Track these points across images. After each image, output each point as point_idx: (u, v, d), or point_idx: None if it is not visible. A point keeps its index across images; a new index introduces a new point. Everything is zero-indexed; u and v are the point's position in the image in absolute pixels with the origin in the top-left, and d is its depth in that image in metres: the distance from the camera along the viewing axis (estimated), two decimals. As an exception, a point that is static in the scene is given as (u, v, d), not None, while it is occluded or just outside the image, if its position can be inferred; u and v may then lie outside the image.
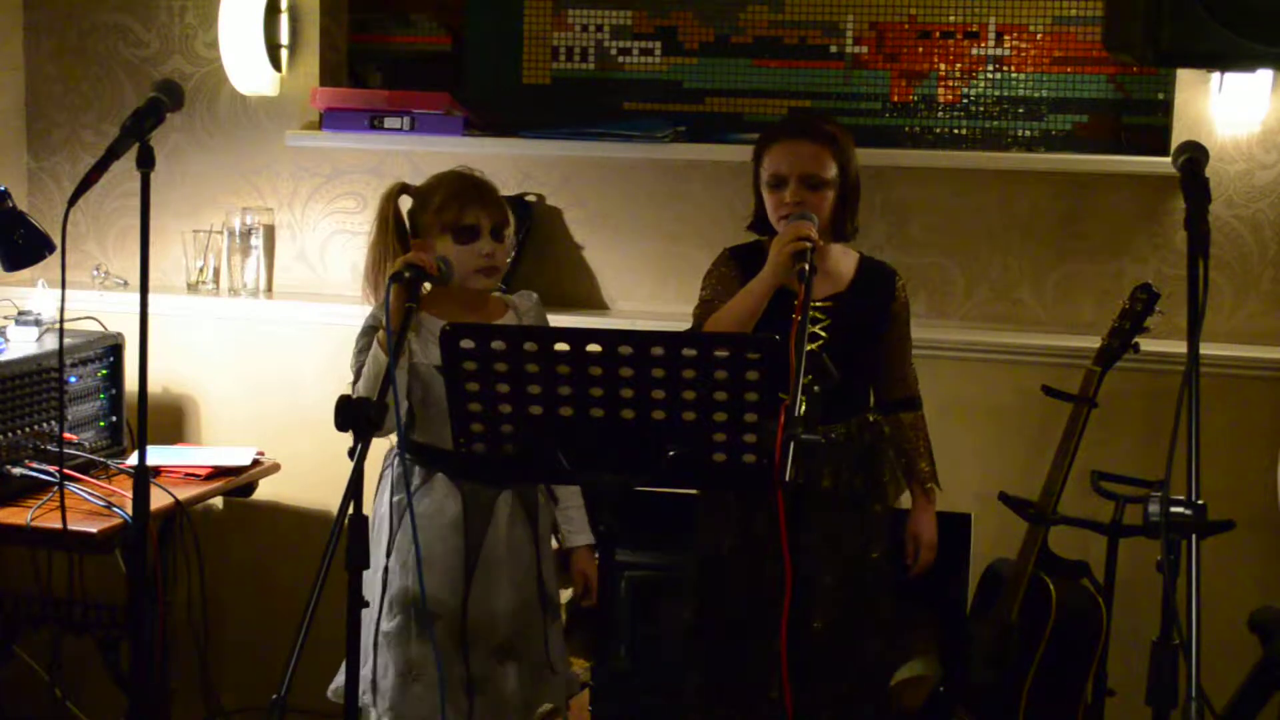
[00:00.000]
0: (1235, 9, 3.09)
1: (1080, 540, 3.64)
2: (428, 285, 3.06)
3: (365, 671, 3.23)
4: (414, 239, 3.25)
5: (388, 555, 3.22)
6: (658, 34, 4.40)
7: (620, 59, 4.43)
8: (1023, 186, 4.09)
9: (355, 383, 3.17)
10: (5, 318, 3.99)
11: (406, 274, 2.95)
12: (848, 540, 3.35)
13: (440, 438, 3.19)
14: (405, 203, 3.33)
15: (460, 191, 3.25)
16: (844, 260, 3.41)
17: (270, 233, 4.42)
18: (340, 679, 3.22)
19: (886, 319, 3.40)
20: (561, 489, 3.41)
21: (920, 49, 4.26)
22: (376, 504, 3.28)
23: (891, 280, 3.43)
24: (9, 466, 3.64)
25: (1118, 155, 4.10)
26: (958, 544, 3.97)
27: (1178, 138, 3.83)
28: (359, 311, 3.33)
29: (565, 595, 4.06)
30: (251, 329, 4.35)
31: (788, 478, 2.52)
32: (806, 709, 3.27)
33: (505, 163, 4.22)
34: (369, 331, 3.21)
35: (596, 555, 3.38)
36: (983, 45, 4.23)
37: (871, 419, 3.43)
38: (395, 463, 3.28)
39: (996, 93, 4.24)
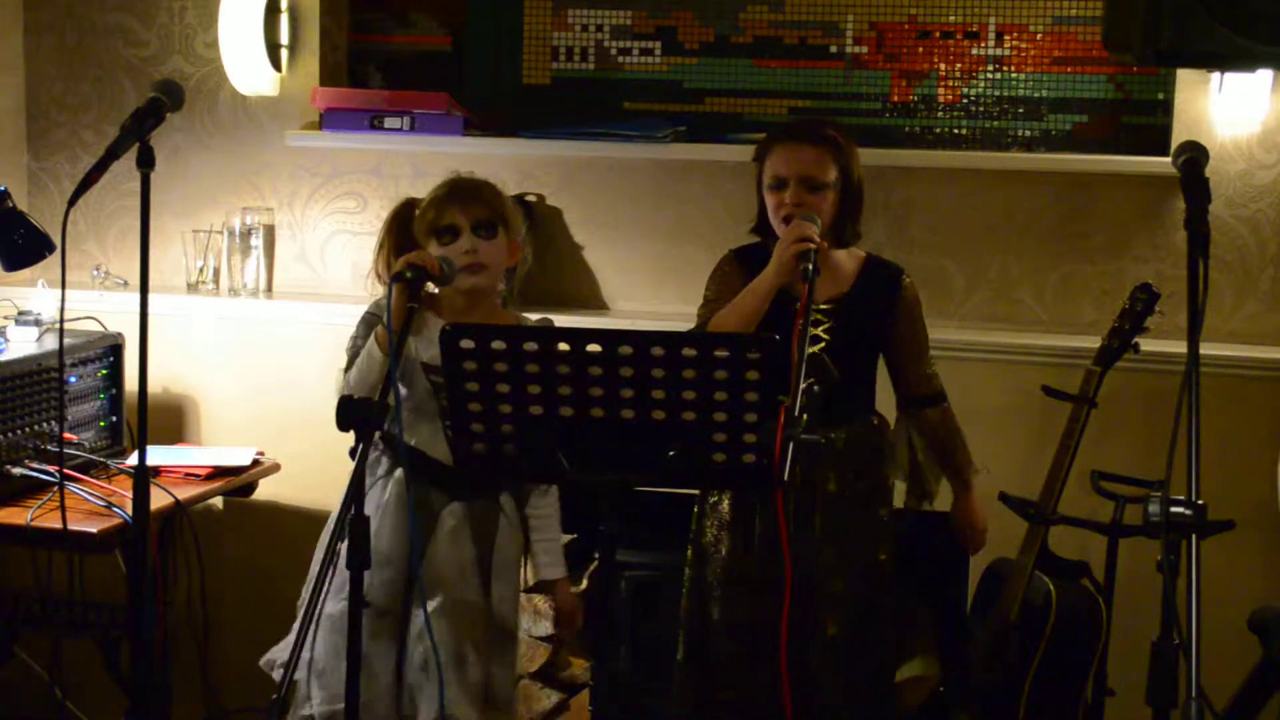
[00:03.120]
0: (1235, 9, 3.09)
1: (1080, 540, 3.64)
2: (431, 285, 3.06)
3: (304, 653, 3.21)
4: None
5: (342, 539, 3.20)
6: (658, 34, 4.40)
7: (620, 59, 4.43)
8: (1023, 186, 4.09)
9: (348, 369, 3.18)
10: (5, 318, 3.99)
11: (408, 274, 2.96)
12: (855, 543, 3.35)
13: (411, 434, 3.20)
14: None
15: (439, 195, 3.27)
16: (848, 262, 3.40)
17: (270, 233, 4.42)
18: (273, 652, 3.24)
19: (892, 318, 3.39)
20: (539, 519, 3.38)
21: (920, 49, 4.26)
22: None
23: (896, 278, 3.41)
24: (9, 466, 3.64)
25: (1118, 155, 4.10)
26: (958, 544, 3.97)
27: (1178, 138, 3.83)
28: (359, 311, 3.33)
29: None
30: (251, 329, 4.35)
31: (786, 478, 2.53)
32: (821, 712, 3.27)
33: (505, 163, 4.22)
34: (368, 320, 3.22)
35: (578, 586, 3.33)
36: (983, 45, 4.23)
37: (875, 421, 3.43)
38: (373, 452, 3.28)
39: (996, 93, 4.24)
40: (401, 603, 3.21)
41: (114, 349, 4.04)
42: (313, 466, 4.12)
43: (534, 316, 3.42)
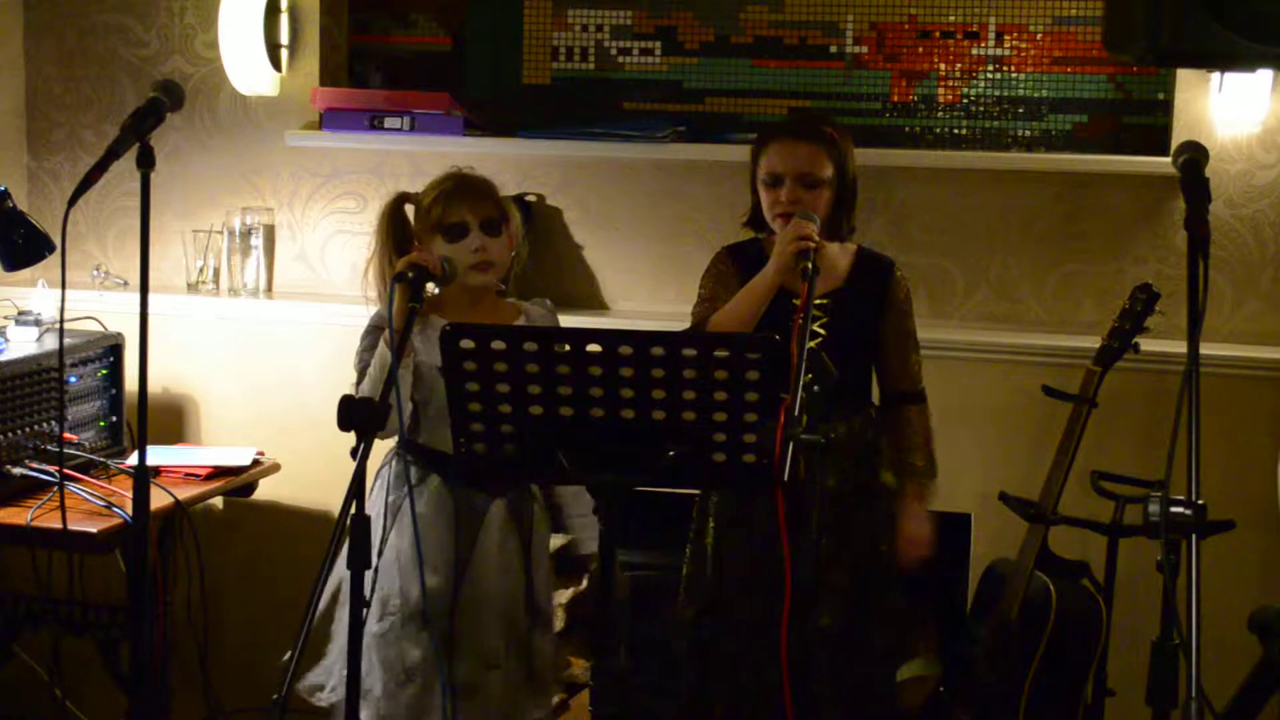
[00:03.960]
0: (1235, 9, 3.09)
1: (1080, 540, 3.64)
2: (432, 286, 3.06)
3: (339, 669, 3.22)
4: (415, 244, 3.25)
5: (378, 556, 3.21)
6: (658, 34, 4.40)
7: (620, 59, 4.43)
8: (1023, 186, 4.09)
9: (359, 382, 3.17)
10: (5, 318, 3.99)
11: (409, 274, 2.96)
12: (856, 536, 3.35)
13: (440, 440, 3.18)
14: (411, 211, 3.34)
15: (445, 191, 3.25)
16: (841, 257, 3.40)
17: (270, 233, 4.42)
18: (312, 677, 3.23)
19: (882, 310, 3.39)
20: (565, 500, 3.40)
21: (920, 49, 4.26)
22: (371, 504, 3.27)
23: (889, 270, 3.42)
24: (9, 466, 3.63)
25: (1118, 155, 4.10)
26: (958, 544, 3.97)
27: (1178, 138, 3.83)
28: (359, 311, 3.33)
29: (565, 596, 4.08)
30: (251, 329, 4.35)
31: (787, 478, 2.53)
32: (815, 704, 3.27)
33: (505, 163, 4.22)
34: (374, 330, 3.21)
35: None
36: (983, 45, 4.23)
37: (874, 415, 3.43)
38: (393, 463, 3.27)
39: (996, 93, 4.24)
40: (448, 612, 3.21)
41: (114, 349, 4.04)
42: (313, 466, 4.12)
43: (529, 303, 3.41)
